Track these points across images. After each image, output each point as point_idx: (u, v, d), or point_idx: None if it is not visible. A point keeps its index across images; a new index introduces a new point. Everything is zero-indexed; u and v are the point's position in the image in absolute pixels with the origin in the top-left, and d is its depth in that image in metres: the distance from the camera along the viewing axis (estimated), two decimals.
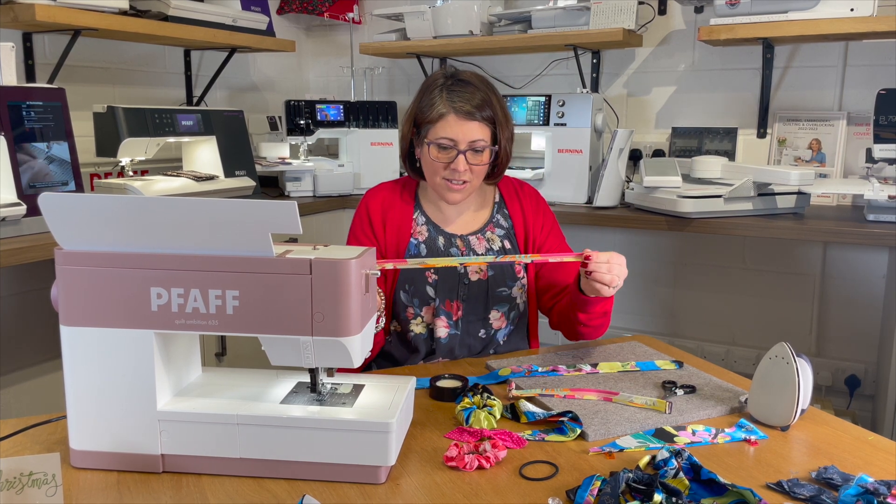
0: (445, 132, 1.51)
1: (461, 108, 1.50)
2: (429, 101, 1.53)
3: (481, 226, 1.65)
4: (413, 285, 1.58)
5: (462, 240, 1.62)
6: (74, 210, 1.00)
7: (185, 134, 2.47)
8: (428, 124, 1.53)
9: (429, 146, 1.53)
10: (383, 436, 1.01)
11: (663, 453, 1.03)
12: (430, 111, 1.52)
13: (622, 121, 2.97)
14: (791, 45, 2.64)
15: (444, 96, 1.52)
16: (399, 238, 1.61)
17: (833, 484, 0.99)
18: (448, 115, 1.51)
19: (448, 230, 1.63)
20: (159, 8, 2.50)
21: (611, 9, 2.65)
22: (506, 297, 1.61)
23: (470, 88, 1.52)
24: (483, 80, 1.56)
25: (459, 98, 1.51)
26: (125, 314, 1.02)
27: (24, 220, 1.90)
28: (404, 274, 1.59)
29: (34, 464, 0.92)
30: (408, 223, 1.62)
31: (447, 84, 1.53)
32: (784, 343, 1.20)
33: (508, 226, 1.66)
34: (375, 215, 1.63)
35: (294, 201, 0.98)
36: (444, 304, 1.58)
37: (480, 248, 1.62)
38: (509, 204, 1.68)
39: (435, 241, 1.61)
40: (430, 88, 1.55)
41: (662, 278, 2.94)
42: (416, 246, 1.61)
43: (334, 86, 3.63)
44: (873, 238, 2.08)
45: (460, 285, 1.59)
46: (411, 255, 1.60)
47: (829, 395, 2.66)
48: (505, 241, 1.64)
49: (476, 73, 1.58)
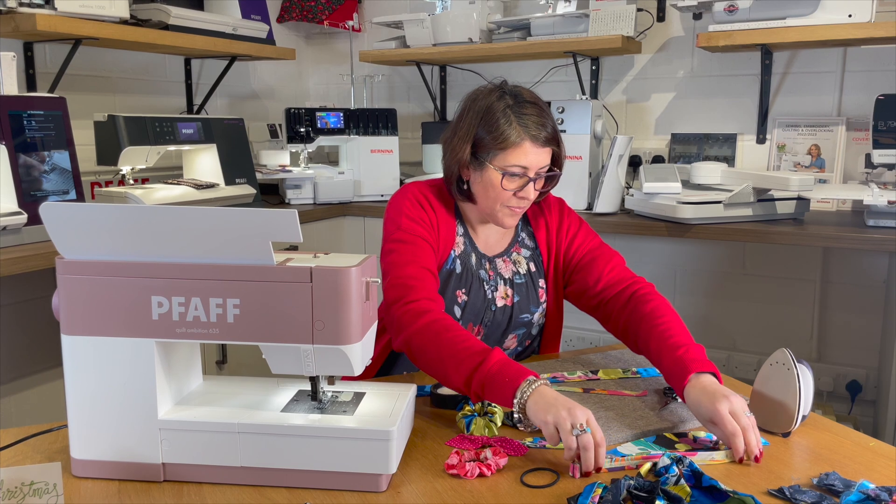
0: (519, 160, 1.40)
1: (538, 135, 1.40)
2: (495, 125, 1.41)
3: (507, 246, 1.58)
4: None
5: (490, 262, 1.55)
6: (75, 219, 1.00)
7: (186, 142, 2.48)
8: (497, 151, 1.41)
9: (502, 175, 1.41)
10: (384, 444, 1.01)
11: (664, 460, 1.03)
12: (500, 137, 1.40)
13: (622, 127, 2.97)
14: (789, 52, 2.64)
15: (514, 121, 1.40)
16: (445, 243, 1.51)
17: (834, 490, 0.99)
18: (523, 143, 1.40)
19: (480, 249, 1.56)
20: (160, 17, 2.51)
21: (609, 16, 2.66)
22: (525, 322, 1.57)
23: (539, 112, 1.42)
24: (539, 99, 1.47)
25: (534, 123, 1.40)
26: (126, 323, 1.02)
27: (24, 228, 1.90)
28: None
29: (35, 473, 0.92)
30: (452, 231, 1.53)
31: (512, 106, 1.42)
32: (785, 349, 1.20)
33: (533, 245, 1.59)
34: (427, 209, 1.50)
35: (294, 209, 0.99)
36: (468, 326, 1.52)
37: (507, 271, 1.55)
38: (532, 221, 1.60)
39: (469, 258, 1.53)
40: (491, 111, 1.42)
41: (662, 284, 2.93)
42: (453, 260, 1.52)
43: (334, 93, 3.63)
44: (873, 243, 2.08)
45: (487, 311, 1.53)
46: (447, 268, 1.51)
47: (830, 400, 2.65)
48: (530, 263, 1.57)
49: (532, 92, 1.48)
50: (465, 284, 1.51)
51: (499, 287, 1.54)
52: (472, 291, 1.51)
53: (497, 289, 1.53)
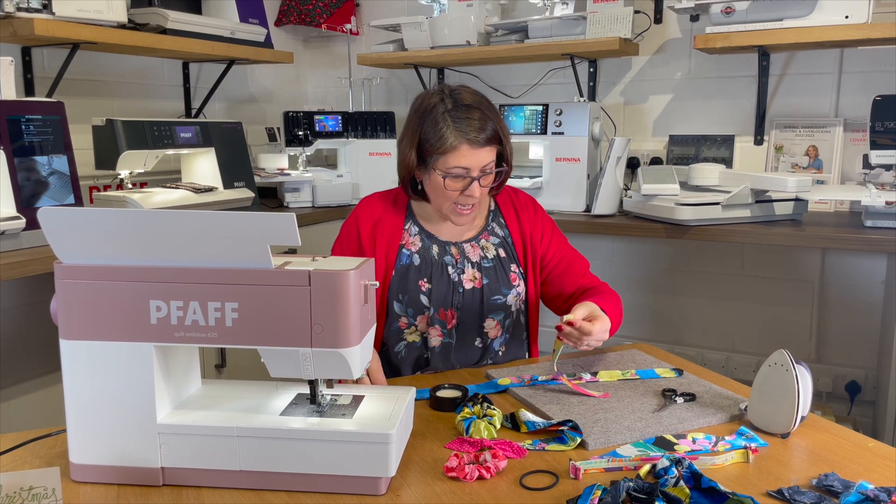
0: (458, 162, 1.48)
1: (473, 137, 1.46)
2: (434, 130, 1.48)
3: (476, 233, 1.65)
4: (407, 294, 1.58)
5: (457, 247, 1.62)
6: (73, 224, 1.00)
7: (184, 146, 2.48)
8: (437, 155, 1.48)
9: (443, 177, 1.49)
10: (383, 447, 1.01)
11: (664, 462, 1.03)
12: (438, 142, 1.47)
13: (619, 129, 2.98)
14: (787, 53, 2.65)
15: (451, 125, 1.47)
16: (388, 249, 1.60)
17: (833, 491, 0.99)
18: (460, 146, 1.47)
19: (442, 238, 1.63)
20: (157, 21, 2.51)
21: (607, 18, 2.66)
22: (500, 304, 1.61)
23: (476, 114, 1.48)
24: (482, 100, 1.53)
25: (469, 126, 1.47)
26: (124, 327, 1.02)
27: (23, 233, 1.90)
28: (397, 283, 1.59)
29: (34, 478, 0.92)
30: (398, 234, 1.62)
31: (449, 110, 1.48)
32: (783, 350, 1.20)
33: (504, 234, 1.66)
34: (365, 226, 1.62)
35: (293, 213, 0.99)
36: (439, 312, 1.58)
37: (475, 255, 1.62)
38: (505, 212, 1.68)
39: (429, 251, 1.61)
40: (431, 115, 1.49)
41: (661, 286, 2.94)
42: (409, 256, 1.60)
43: (332, 96, 3.64)
44: (871, 244, 2.08)
45: (455, 293, 1.59)
46: (402, 265, 1.59)
47: (829, 401, 2.66)
48: (500, 249, 1.64)
49: (473, 92, 1.54)
50: (426, 274, 1.59)
51: (466, 270, 1.60)
52: (435, 278, 1.59)
53: (464, 272, 1.60)
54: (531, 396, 1.34)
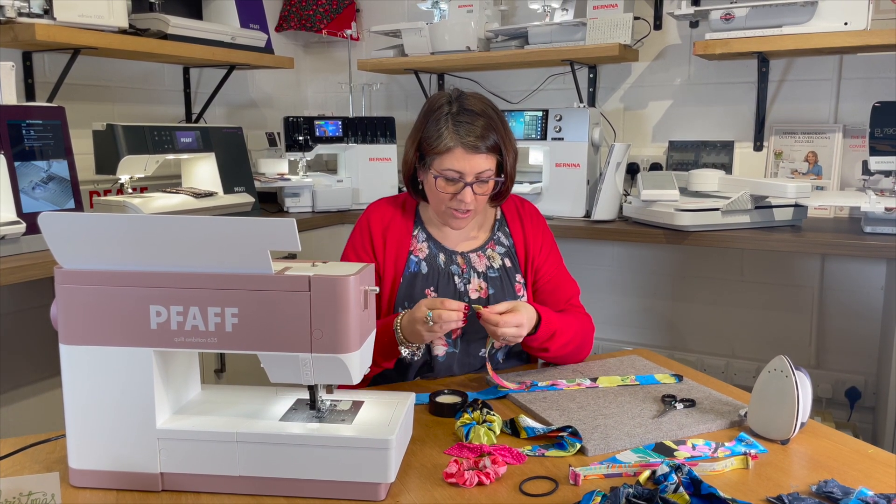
0: (452, 164, 1.48)
1: (469, 142, 1.47)
2: (435, 130, 1.50)
3: (482, 243, 1.65)
4: (413, 302, 1.57)
5: (463, 257, 1.62)
6: (73, 229, 1.00)
7: (185, 151, 2.48)
8: (434, 155, 1.50)
9: (435, 178, 1.51)
10: (383, 452, 1.01)
11: (663, 468, 1.03)
12: (436, 142, 1.49)
13: (619, 135, 2.98)
14: (786, 59, 2.65)
15: (450, 127, 1.48)
16: (398, 255, 1.60)
17: (833, 497, 0.99)
18: (455, 149, 1.48)
19: (449, 246, 1.63)
20: (158, 26, 2.52)
21: (606, 24, 2.67)
22: None
23: (477, 120, 1.49)
24: (489, 107, 1.53)
25: (467, 130, 1.47)
26: (124, 332, 1.02)
27: (23, 238, 1.90)
28: (403, 291, 1.58)
29: (33, 483, 0.92)
30: (407, 240, 1.62)
31: (453, 113, 1.50)
32: (783, 356, 1.20)
33: (509, 244, 1.66)
34: (376, 230, 1.63)
35: (293, 219, 0.99)
36: None
37: (481, 265, 1.61)
38: (510, 222, 1.68)
39: (436, 258, 1.61)
40: (434, 116, 1.51)
41: (661, 292, 2.94)
42: (417, 263, 1.60)
43: (333, 102, 3.64)
44: (871, 250, 2.09)
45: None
46: (411, 272, 1.59)
47: (829, 407, 2.65)
48: (505, 259, 1.63)
49: (481, 98, 1.55)
50: (433, 282, 1.58)
51: (472, 280, 1.60)
52: (441, 287, 1.58)
53: (470, 281, 1.60)
54: (531, 402, 1.34)
